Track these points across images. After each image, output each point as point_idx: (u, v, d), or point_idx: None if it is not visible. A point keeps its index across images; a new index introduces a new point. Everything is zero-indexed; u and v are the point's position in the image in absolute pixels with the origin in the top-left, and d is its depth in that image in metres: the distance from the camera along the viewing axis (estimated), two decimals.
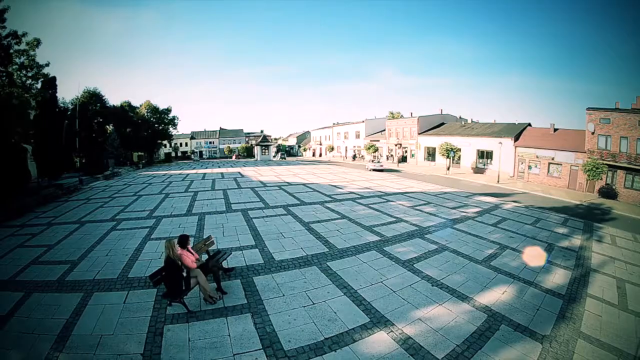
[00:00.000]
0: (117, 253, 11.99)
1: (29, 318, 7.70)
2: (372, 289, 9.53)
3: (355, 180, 35.36)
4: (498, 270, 11.37)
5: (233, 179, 34.89)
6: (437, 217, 18.64)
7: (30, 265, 11.13)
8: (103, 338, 6.92)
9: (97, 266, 10.77)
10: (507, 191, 33.46)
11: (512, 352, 6.99)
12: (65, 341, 6.81)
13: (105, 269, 10.57)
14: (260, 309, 8.16)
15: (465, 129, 58.54)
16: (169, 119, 74.66)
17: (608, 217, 24.30)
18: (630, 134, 33.63)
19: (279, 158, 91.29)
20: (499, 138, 45.79)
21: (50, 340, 6.82)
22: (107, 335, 7.03)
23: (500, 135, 47.60)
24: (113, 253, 12.00)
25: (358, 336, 7.22)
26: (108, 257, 11.61)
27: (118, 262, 11.06)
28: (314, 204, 21.11)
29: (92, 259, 11.47)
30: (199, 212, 18.50)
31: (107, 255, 11.74)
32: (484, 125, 57.15)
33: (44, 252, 12.37)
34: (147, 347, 6.66)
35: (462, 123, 63.36)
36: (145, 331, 7.18)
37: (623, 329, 8.31)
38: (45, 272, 10.42)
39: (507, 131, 48.92)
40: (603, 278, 11.65)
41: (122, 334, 7.09)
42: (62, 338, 6.90)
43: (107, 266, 10.76)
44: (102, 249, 12.54)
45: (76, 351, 6.54)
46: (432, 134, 61.88)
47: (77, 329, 7.21)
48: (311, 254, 12.06)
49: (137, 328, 7.29)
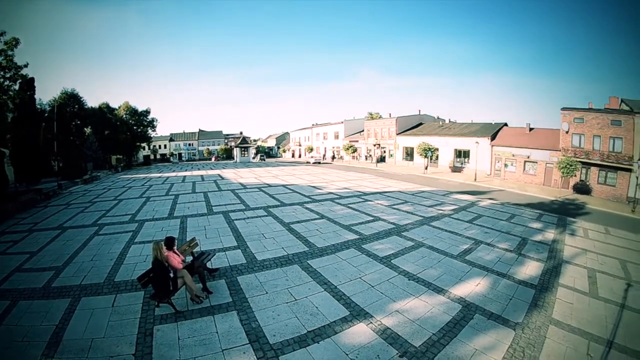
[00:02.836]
0: (101, 258, 11.99)
1: (17, 326, 7.67)
2: (352, 284, 9.92)
3: (334, 180, 35.88)
4: (472, 264, 11.93)
5: (213, 182, 35.03)
6: (414, 215, 19.22)
7: (14, 273, 10.96)
8: (94, 341, 7.01)
9: (82, 271, 10.77)
10: (484, 189, 34.52)
11: (486, 338, 7.46)
12: (56, 346, 6.86)
13: (91, 273, 10.59)
14: (245, 307, 8.45)
15: (443, 129, 59.85)
16: (148, 120, 73.73)
17: (582, 212, 25.48)
18: (603, 133, 35.29)
19: (258, 159, 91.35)
20: (476, 137, 47.06)
21: (41, 346, 6.85)
22: (98, 338, 7.12)
23: (477, 134, 48.96)
24: (98, 258, 11.99)
25: (339, 328, 7.59)
26: (93, 262, 11.61)
27: (103, 267, 11.09)
28: (294, 204, 21.45)
29: (77, 264, 11.44)
30: (180, 215, 18.60)
31: (92, 260, 11.73)
32: (461, 125, 58.58)
33: (27, 259, 12.20)
34: (138, 348, 6.81)
35: (440, 123, 64.73)
36: (135, 332, 7.33)
37: (594, 315, 8.90)
38: (30, 280, 10.32)
39: (483, 131, 50.34)
40: (575, 269, 12.35)
41: (113, 336, 7.20)
42: (53, 343, 6.94)
43: (92, 271, 10.78)
44: (86, 254, 12.50)
45: (68, 355, 6.62)
46: (410, 134, 62.99)
47: (68, 334, 7.26)
48: (292, 253, 12.42)
49: (127, 330, 7.42)
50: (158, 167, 73.42)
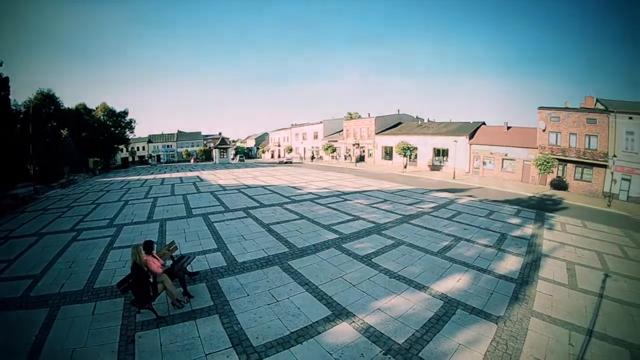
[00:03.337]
0: (80, 264, 11.57)
1: None
2: (333, 284, 9.87)
3: (313, 180, 35.86)
4: (453, 261, 12.06)
5: (192, 184, 34.57)
6: (393, 213, 19.33)
7: None
8: (75, 351, 6.74)
9: (61, 279, 10.36)
10: (463, 186, 35.12)
11: (469, 333, 7.52)
12: (36, 359, 6.59)
13: (70, 281, 10.20)
14: (227, 310, 8.32)
15: (421, 128, 60.73)
16: (126, 122, 72.01)
17: (559, 207, 26.25)
18: (578, 131, 36.86)
19: (237, 161, 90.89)
20: (455, 136, 48.09)
21: (21, 359, 6.56)
22: (79, 348, 6.86)
23: (455, 133, 49.99)
24: (76, 264, 11.57)
25: (322, 328, 7.54)
26: (72, 269, 11.18)
27: (82, 274, 10.70)
28: (273, 205, 21.31)
29: (55, 271, 11.00)
30: (159, 218, 18.21)
31: (71, 267, 11.30)
32: (440, 125, 59.54)
33: (4, 267, 11.61)
34: (120, 356, 6.61)
35: (419, 123, 65.71)
36: (117, 340, 7.11)
37: (574, 306, 9.15)
38: (7, 289, 9.82)
39: (462, 130, 51.41)
40: (554, 262, 12.65)
41: (94, 345, 6.96)
42: (33, 356, 6.64)
43: (71, 278, 10.39)
44: (64, 261, 12.04)
45: None
46: (389, 134, 63.73)
47: (48, 345, 6.96)
48: (272, 254, 12.31)
49: (108, 338, 7.19)
50: (136, 169, 71.47)
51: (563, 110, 38.96)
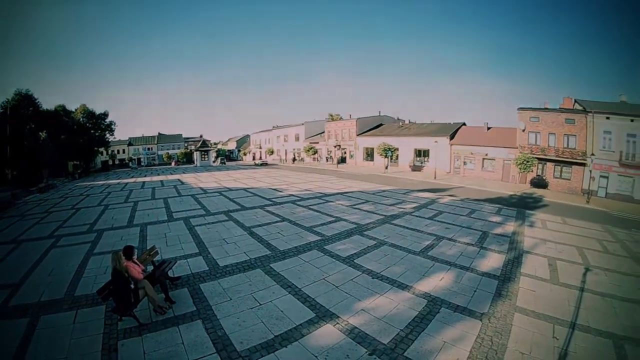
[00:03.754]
0: (60, 272, 11.18)
1: None
2: (316, 285, 9.80)
3: (295, 182, 35.80)
4: (435, 260, 12.13)
5: (173, 187, 34.19)
6: (375, 214, 19.41)
7: None
8: None
9: (40, 287, 9.96)
10: (444, 186, 35.51)
11: (454, 330, 7.55)
12: None
13: (50, 289, 9.82)
14: (210, 315, 8.18)
15: (402, 129, 61.29)
16: (106, 124, 70.28)
17: (539, 205, 26.79)
18: (557, 130, 38.22)
19: (218, 163, 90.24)
20: (435, 137, 48.62)
21: None
22: (61, 359, 6.63)
23: (436, 134, 50.54)
24: (56, 272, 11.17)
25: (306, 331, 7.47)
26: (51, 276, 10.79)
27: (62, 281, 10.34)
28: (255, 208, 21.17)
29: (34, 280, 10.59)
30: (140, 222, 17.86)
31: (50, 275, 10.90)
32: (420, 126, 60.28)
33: None
34: None
35: (400, 124, 66.17)
36: (99, 349, 6.90)
37: (556, 300, 9.33)
38: None
39: (443, 130, 52.04)
40: (535, 258, 12.87)
41: (77, 355, 6.72)
42: None
43: (51, 286, 10.01)
44: (43, 268, 11.61)
45: None
46: (370, 135, 64.09)
47: (29, 357, 6.71)
48: (254, 257, 12.17)
49: (90, 347, 6.97)
50: (117, 173, 69.84)
51: (542, 110, 40.19)
